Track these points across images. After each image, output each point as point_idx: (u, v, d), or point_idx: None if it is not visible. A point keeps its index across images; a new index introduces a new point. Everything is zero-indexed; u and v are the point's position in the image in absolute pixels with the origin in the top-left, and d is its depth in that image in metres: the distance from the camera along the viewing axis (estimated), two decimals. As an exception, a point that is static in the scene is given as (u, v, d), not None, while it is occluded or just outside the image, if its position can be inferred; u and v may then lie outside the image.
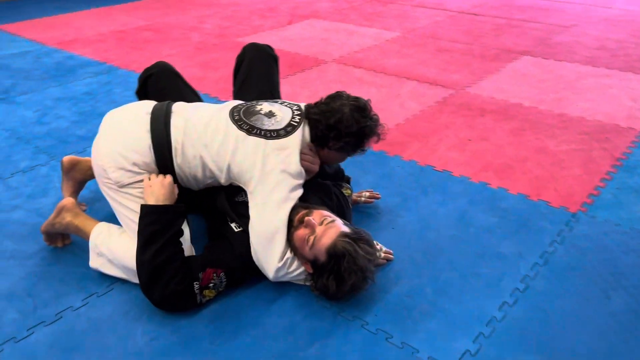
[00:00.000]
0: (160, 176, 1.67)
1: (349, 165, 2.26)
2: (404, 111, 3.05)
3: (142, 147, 1.68)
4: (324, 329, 1.57)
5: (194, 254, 1.71)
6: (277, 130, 1.73)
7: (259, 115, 1.77)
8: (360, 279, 1.57)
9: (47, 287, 1.73)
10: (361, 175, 2.37)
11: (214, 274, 1.61)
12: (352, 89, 3.13)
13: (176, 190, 1.69)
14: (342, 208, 1.86)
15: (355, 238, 1.59)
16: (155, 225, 1.56)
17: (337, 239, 1.57)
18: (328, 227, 1.60)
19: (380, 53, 4.09)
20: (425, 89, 3.39)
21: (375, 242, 1.85)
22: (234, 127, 1.72)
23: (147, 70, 2.10)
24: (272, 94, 2.20)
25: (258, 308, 1.65)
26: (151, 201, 1.59)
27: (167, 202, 1.61)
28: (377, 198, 2.15)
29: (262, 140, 1.70)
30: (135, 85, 2.13)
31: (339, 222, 1.64)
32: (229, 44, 4.30)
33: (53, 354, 1.48)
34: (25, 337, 1.54)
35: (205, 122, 1.74)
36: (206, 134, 1.71)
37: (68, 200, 1.81)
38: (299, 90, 3.36)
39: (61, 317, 1.61)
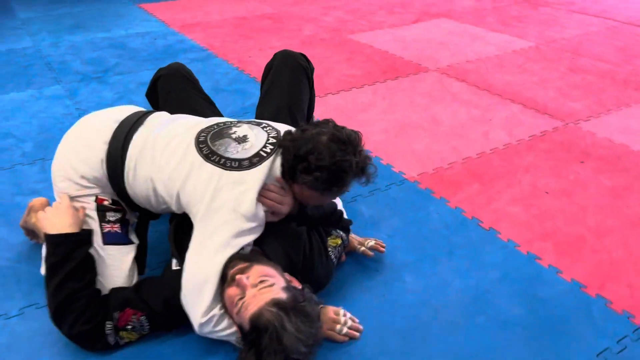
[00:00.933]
0: (57, 201, 1.50)
1: (376, 202, 1.93)
2: (484, 142, 2.55)
3: (94, 160, 1.54)
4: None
5: (131, 284, 1.54)
6: (239, 160, 1.47)
7: (228, 139, 1.52)
8: None
9: (3, 282, 1.70)
10: (385, 216, 2.01)
11: (133, 316, 1.43)
12: (437, 106, 2.68)
13: (80, 215, 1.50)
14: (310, 265, 1.54)
15: (289, 308, 1.28)
16: (53, 257, 1.41)
17: (264, 308, 1.28)
18: (261, 292, 1.32)
19: (496, 65, 3.52)
20: (527, 116, 2.81)
21: (341, 311, 1.52)
22: (193, 150, 1.50)
23: (158, 71, 1.98)
24: (290, 110, 1.92)
25: (177, 363, 1.43)
26: (51, 231, 1.43)
27: (66, 230, 1.44)
28: (380, 251, 1.78)
29: (218, 170, 1.45)
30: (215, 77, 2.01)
31: (278, 285, 1.34)
32: (336, 41, 4.05)
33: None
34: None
35: (168, 140, 1.54)
36: (163, 154, 1.52)
37: (38, 200, 1.76)
38: (378, 100, 3.01)
39: (-11, 324, 1.56)
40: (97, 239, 1.52)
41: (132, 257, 1.57)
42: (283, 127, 1.61)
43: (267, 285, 1.33)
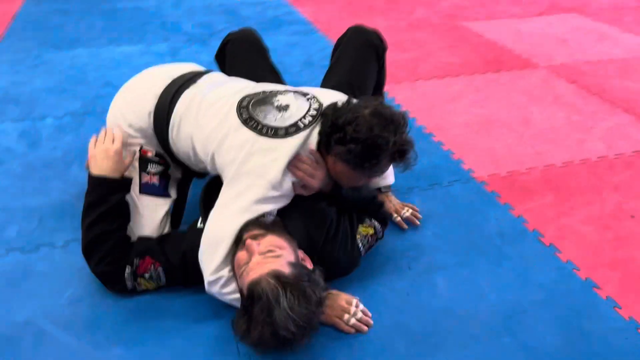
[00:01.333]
0: (107, 142, 1.54)
1: (434, 197, 1.90)
2: (574, 151, 2.28)
3: (143, 111, 1.60)
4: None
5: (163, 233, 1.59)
6: (276, 128, 1.45)
7: (270, 106, 1.50)
8: (268, 335, 1.23)
9: (60, 214, 1.84)
10: (437, 213, 1.88)
11: (152, 265, 1.47)
12: (534, 106, 2.51)
13: (127, 161, 1.55)
14: (331, 248, 1.48)
15: (288, 284, 1.24)
16: (90, 197, 1.48)
17: (264, 277, 1.26)
18: (266, 261, 1.29)
19: (618, 70, 3.13)
20: (636, 130, 2.47)
21: (354, 301, 1.45)
22: (234, 114, 1.50)
23: (229, 34, 1.99)
24: (351, 88, 1.85)
25: (183, 321, 1.46)
26: (94, 171, 1.50)
27: (108, 174, 1.49)
28: (415, 224, 1.69)
29: (253, 135, 1.44)
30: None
31: (285, 259, 1.31)
32: (445, 27, 3.85)
33: None
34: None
35: (213, 101, 1.56)
36: (206, 114, 1.53)
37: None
38: (470, 92, 2.81)
39: (38, 249, 1.69)
40: (135, 187, 1.58)
41: (165, 210, 1.61)
42: (329, 99, 1.55)
43: (273, 256, 1.30)
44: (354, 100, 1.49)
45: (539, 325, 1.45)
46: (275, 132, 1.44)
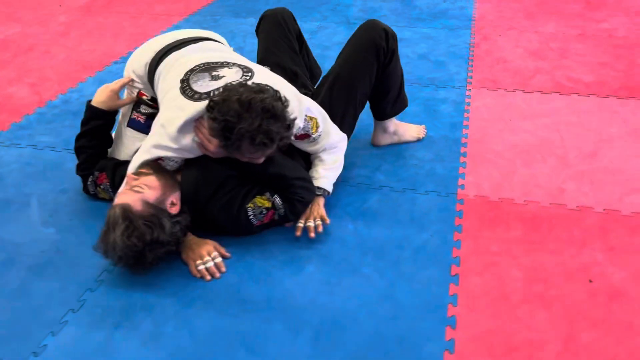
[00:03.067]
0: (112, 83, 1.91)
1: (380, 200, 1.87)
2: (611, 200, 1.88)
3: (142, 62, 1.96)
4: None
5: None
6: (195, 93, 1.67)
7: (208, 75, 1.71)
8: (102, 251, 1.55)
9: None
10: (381, 216, 1.85)
11: (105, 180, 1.89)
12: (619, 141, 2.34)
13: (121, 101, 1.93)
14: (212, 206, 1.69)
15: (127, 217, 1.52)
16: (83, 117, 1.93)
17: (117, 205, 1.57)
18: (127, 193, 1.60)
19: None
20: None
21: (214, 254, 1.68)
22: (180, 77, 1.74)
23: (265, 11, 2.23)
24: (338, 80, 1.96)
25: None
26: (92, 100, 1.92)
27: (97, 105, 1.90)
28: (309, 236, 1.73)
29: (177, 94, 1.68)
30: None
31: (145, 196, 1.58)
32: (622, 45, 3.27)
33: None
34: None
35: (182, 63, 1.80)
36: (170, 72, 1.81)
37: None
38: (569, 115, 2.46)
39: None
40: (125, 120, 2.01)
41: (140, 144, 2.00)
42: (261, 80, 1.69)
43: (136, 191, 1.59)
44: (250, 83, 1.61)
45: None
46: (192, 96, 1.66)
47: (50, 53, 3.32)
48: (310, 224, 1.75)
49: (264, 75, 1.75)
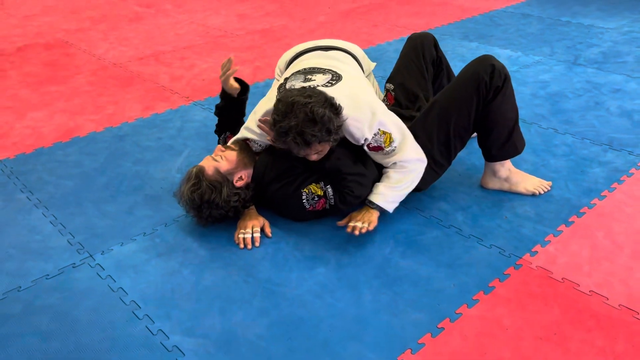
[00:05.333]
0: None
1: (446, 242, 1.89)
2: None
3: (285, 60, 2.25)
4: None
5: None
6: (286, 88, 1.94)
7: (303, 76, 1.95)
8: (178, 199, 1.94)
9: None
10: (422, 250, 1.82)
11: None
12: None
13: (227, 86, 2.17)
14: (269, 185, 1.93)
15: (198, 177, 1.86)
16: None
17: (197, 165, 1.92)
18: (209, 160, 1.95)
19: None
20: None
21: (256, 228, 1.93)
22: (289, 73, 2.04)
23: (412, 34, 2.31)
24: (435, 107, 1.98)
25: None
26: None
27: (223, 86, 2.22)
28: (354, 233, 1.82)
29: (276, 88, 1.99)
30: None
31: (220, 166, 1.91)
32: None
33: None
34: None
35: (301, 65, 2.08)
36: (289, 70, 2.11)
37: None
38: None
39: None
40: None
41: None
42: (339, 94, 1.83)
43: (215, 159, 1.94)
44: (309, 86, 1.81)
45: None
46: (281, 92, 1.91)
47: (290, 45, 3.94)
48: (358, 224, 1.84)
49: (348, 84, 1.90)
